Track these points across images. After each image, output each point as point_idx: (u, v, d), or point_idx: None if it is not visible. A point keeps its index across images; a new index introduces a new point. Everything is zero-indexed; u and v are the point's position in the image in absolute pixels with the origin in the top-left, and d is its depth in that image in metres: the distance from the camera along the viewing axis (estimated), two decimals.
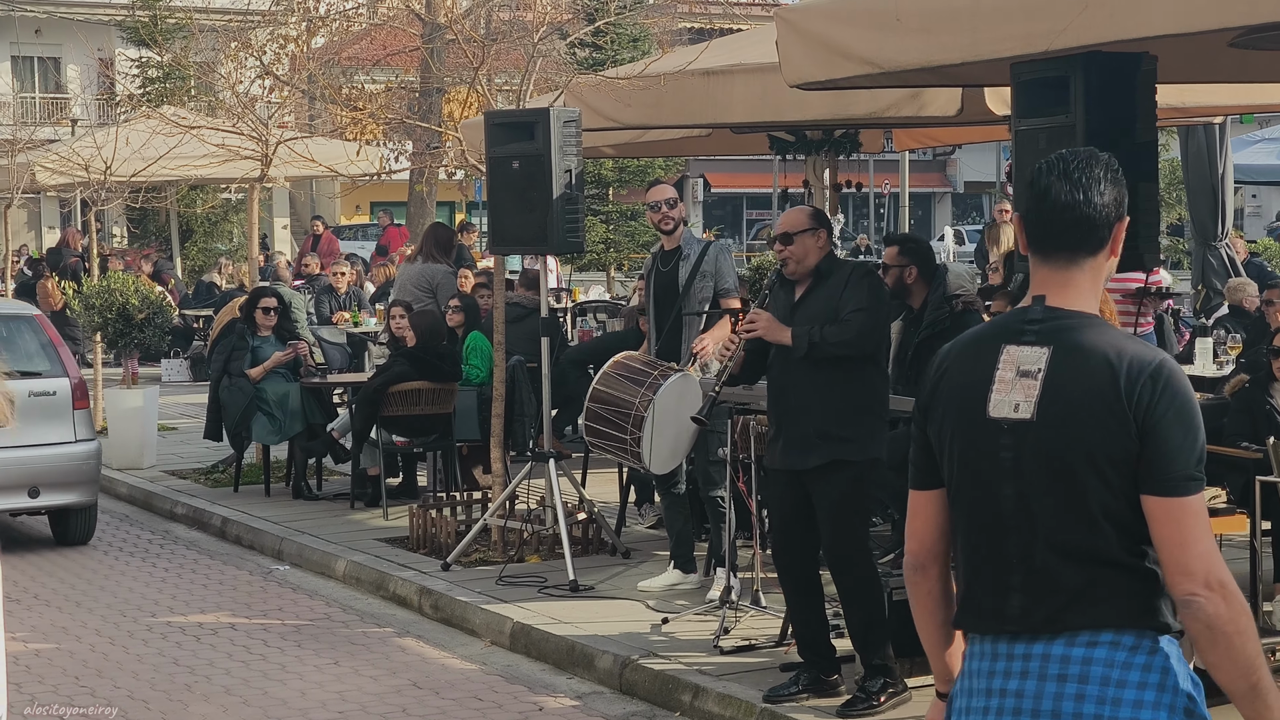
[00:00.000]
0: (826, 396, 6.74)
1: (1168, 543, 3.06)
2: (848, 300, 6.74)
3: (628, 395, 8.39)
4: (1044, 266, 3.22)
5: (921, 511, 3.36)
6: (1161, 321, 13.52)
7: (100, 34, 33.06)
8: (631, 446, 8.43)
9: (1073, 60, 5.92)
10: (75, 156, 17.37)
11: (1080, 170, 3.19)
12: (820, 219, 6.98)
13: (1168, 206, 27.11)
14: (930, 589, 3.37)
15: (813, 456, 6.75)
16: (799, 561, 6.94)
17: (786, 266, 6.90)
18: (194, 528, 11.81)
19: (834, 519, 6.76)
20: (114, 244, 32.91)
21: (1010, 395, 3.17)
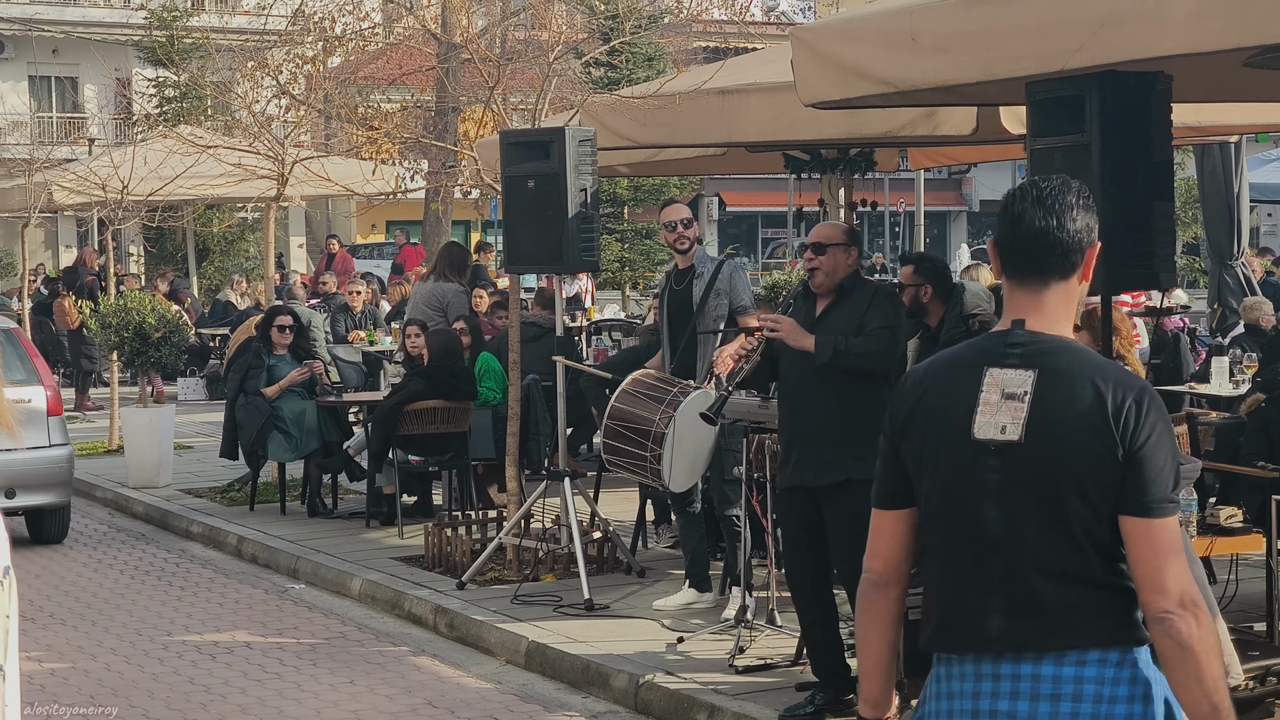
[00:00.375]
0: (840, 415, 6.74)
1: (1144, 563, 3.12)
2: (872, 318, 6.76)
3: (647, 413, 8.39)
4: (1019, 290, 3.28)
5: (888, 530, 3.39)
6: (1178, 340, 13.50)
7: (117, 54, 33.21)
8: (652, 464, 8.42)
9: (1088, 79, 5.91)
10: (92, 176, 17.43)
11: (1053, 197, 3.25)
12: (853, 237, 7.01)
13: (1184, 225, 27.05)
14: (888, 608, 3.39)
15: (826, 474, 6.75)
16: (812, 580, 6.93)
17: (814, 277, 6.91)
18: (210, 546, 11.83)
19: (848, 538, 6.74)
20: (131, 263, 33.00)
21: (996, 417, 3.21)
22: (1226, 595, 7.62)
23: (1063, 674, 3.16)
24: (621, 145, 10.90)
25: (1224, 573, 8.05)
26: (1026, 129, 6.46)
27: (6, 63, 43.87)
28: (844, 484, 6.71)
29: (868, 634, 3.43)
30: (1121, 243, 5.99)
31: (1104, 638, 3.18)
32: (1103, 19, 5.44)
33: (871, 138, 10.03)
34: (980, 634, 3.22)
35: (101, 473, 14.57)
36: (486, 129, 13.10)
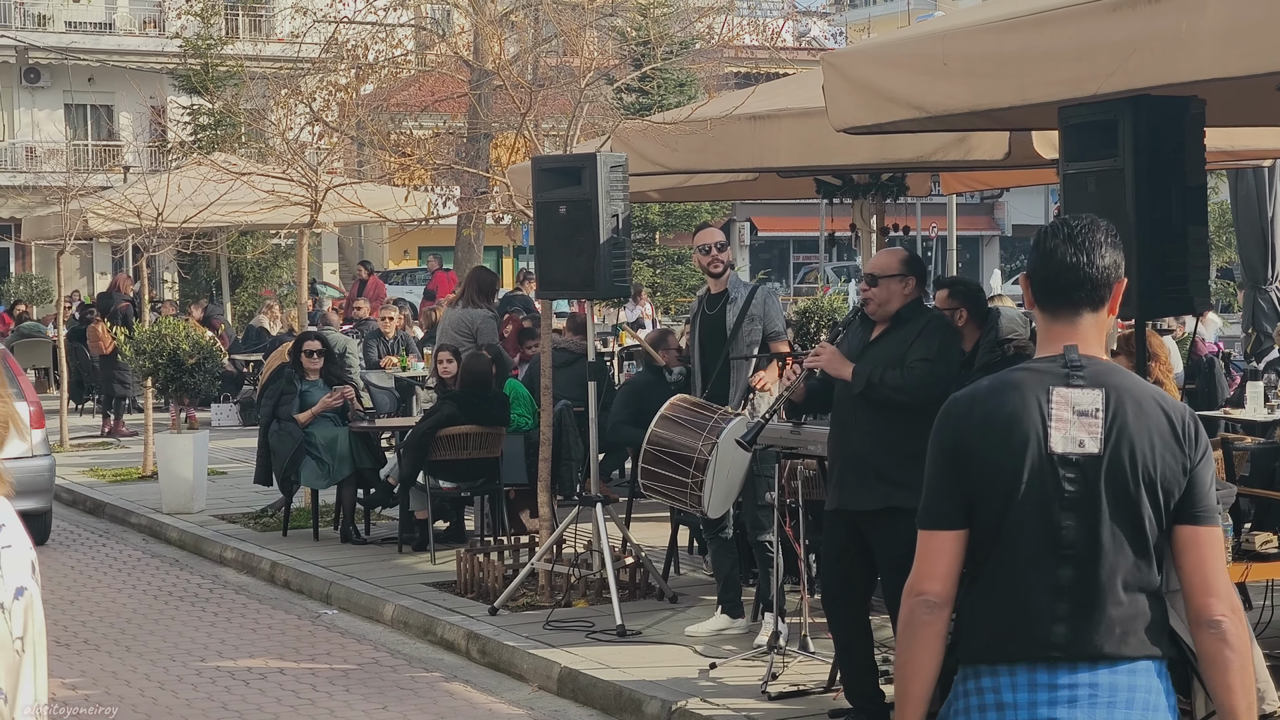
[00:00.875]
0: (886, 440, 6.71)
1: (1197, 569, 3.34)
2: (916, 349, 6.72)
3: (689, 439, 8.38)
4: (1055, 322, 3.50)
5: (945, 552, 3.47)
6: (1212, 365, 13.44)
7: (152, 82, 33.41)
8: (693, 490, 8.41)
9: (1121, 104, 5.90)
10: (127, 203, 17.56)
11: (1083, 235, 3.48)
12: (912, 266, 6.94)
13: (1217, 250, 26.98)
14: (939, 630, 3.46)
15: (870, 499, 6.73)
16: (849, 605, 6.90)
17: (868, 306, 6.91)
18: (243, 572, 11.85)
19: (895, 569, 6.70)
20: (165, 290, 33.18)
21: (1073, 432, 3.38)
22: (1261, 621, 7.58)
23: (1118, 682, 3.33)
24: (653, 171, 10.92)
25: (1259, 599, 8.00)
26: (1059, 153, 6.45)
27: (43, 91, 44.22)
28: (886, 511, 6.68)
29: (918, 658, 3.45)
30: (1155, 267, 5.98)
31: (1151, 648, 3.36)
32: (1135, 44, 5.44)
33: (903, 162, 10.02)
34: (1046, 640, 3.35)
35: (136, 499, 14.62)
36: (518, 155, 13.16)
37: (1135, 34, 5.41)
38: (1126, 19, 5.45)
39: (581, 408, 11.05)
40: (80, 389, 22.22)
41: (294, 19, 19.78)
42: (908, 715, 3.48)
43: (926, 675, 3.45)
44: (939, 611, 3.45)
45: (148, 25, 44.70)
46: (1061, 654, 3.34)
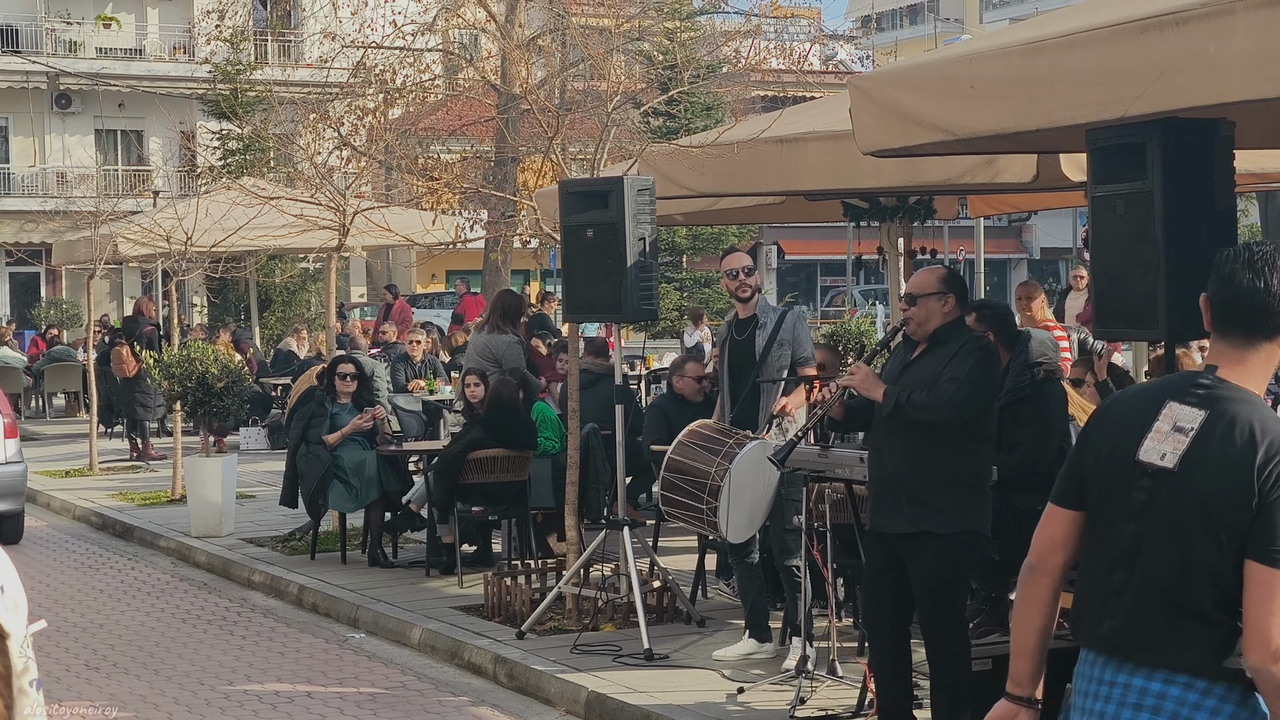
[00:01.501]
0: (918, 463, 6.66)
1: (1254, 608, 3.37)
2: (949, 370, 6.66)
3: (703, 464, 8.37)
4: (1220, 343, 3.60)
5: (1054, 524, 3.71)
6: None
7: (182, 107, 33.64)
8: (709, 516, 8.39)
9: (1149, 126, 5.88)
10: (157, 228, 17.63)
11: (1263, 261, 3.56)
12: (952, 283, 6.88)
13: None
14: (1039, 594, 3.71)
15: (901, 522, 6.69)
16: (888, 623, 6.85)
17: (908, 326, 6.89)
18: (271, 595, 11.87)
19: (928, 592, 6.67)
20: (195, 314, 33.33)
21: (1160, 445, 3.53)
22: None
23: (1150, 687, 3.47)
24: (680, 194, 10.93)
25: None
26: (1087, 176, 6.43)
27: (74, 117, 44.52)
28: (919, 535, 6.64)
29: (1020, 614, 3.76)
30: (1184, 291, 5.94)
31: (1198, 667, 3.44)
32: (1163, 66, 5.42)
33: (931, 185, 10.02)
34: (1096, 634, 3.58)
35: (164, 522, 14.66)
36: (545, 179, 13.19)
37: (1163, 56, 5.40)
38: (1154, 41, 5.43)
39: (608, 431, 11.04)
40: (109, 413, 22.30)
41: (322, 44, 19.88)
42: (1015, 667, 3.75)
43: (1030, 632, 3.72)
44: (1036, 576, 3.70)
45: (178, 51, 44.98)
46: (1108, 649, 3.54)
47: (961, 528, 6.64)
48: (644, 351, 21.01)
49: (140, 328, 21.23)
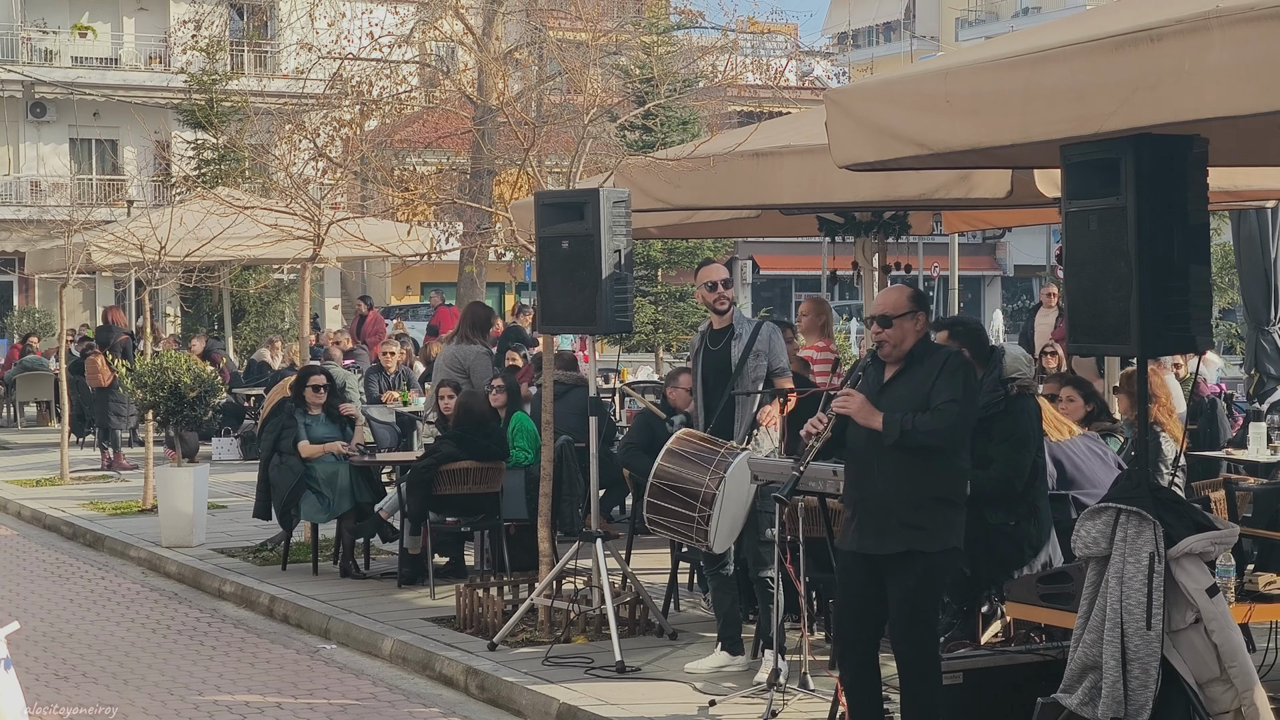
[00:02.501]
0: (905, 484, 6.63)
1: None
2: (941, 389, 6.60)
3: (696, 474, 8.38)
4: None
5: None
6: (1214, 405, 13.42)
7: (157, 117, 33.53)
8: (700, 525, 8.40)
9: (1123, 142, 5.90)
10: (130, 236, 17.56)
11: None
12: (920, 301, 6.84)
13: (1219, 291, 26.92)
14: None
15: (890, 543, 6.65)
16: (862, 645, 6.84)
17: (881, 349, 6.80)
18: (242, 606, 11.82)
19: (908, 607, 6.66)
20: (168, 324, 33.21)
21: None
22: (1266, 664, 7.54)
23: None
24: (655, 207, 10.95)
25: (1263, 640, 7.97)
26: (1061, 192, 6.44)
27: (48, 125, 44.36)
28: (907, 554, 6.64)
29: None
30: (1157, 306, 5.96)
31: None
32: (1137, 82, 5.44)
33: (906, 200, 10.05)
34: None
35: (135, 532, 14.59)
36: (521, 192, 13.16)
37: (1137, 73, 5.42)
38: (1129, 58, 5.45)
39: (583, 443, 11.03)
40: (81, 422, 22.20)
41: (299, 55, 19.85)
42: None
43: None
44: None
45: (153, 61, 44.88)
46: None
47: (947, 546, 6.66)
48: (618, 365, 21.01)
49: (114, 337, 21.15)
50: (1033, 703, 6.34)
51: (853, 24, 65.38)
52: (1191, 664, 6.04)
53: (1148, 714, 5.96)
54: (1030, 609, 7.13)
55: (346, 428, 12.65)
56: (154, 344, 18.26)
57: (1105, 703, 6.01)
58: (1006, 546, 8.00)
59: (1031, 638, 7.30)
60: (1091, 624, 6.15)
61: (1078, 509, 8.35)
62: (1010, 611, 7.51)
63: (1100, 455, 9.06)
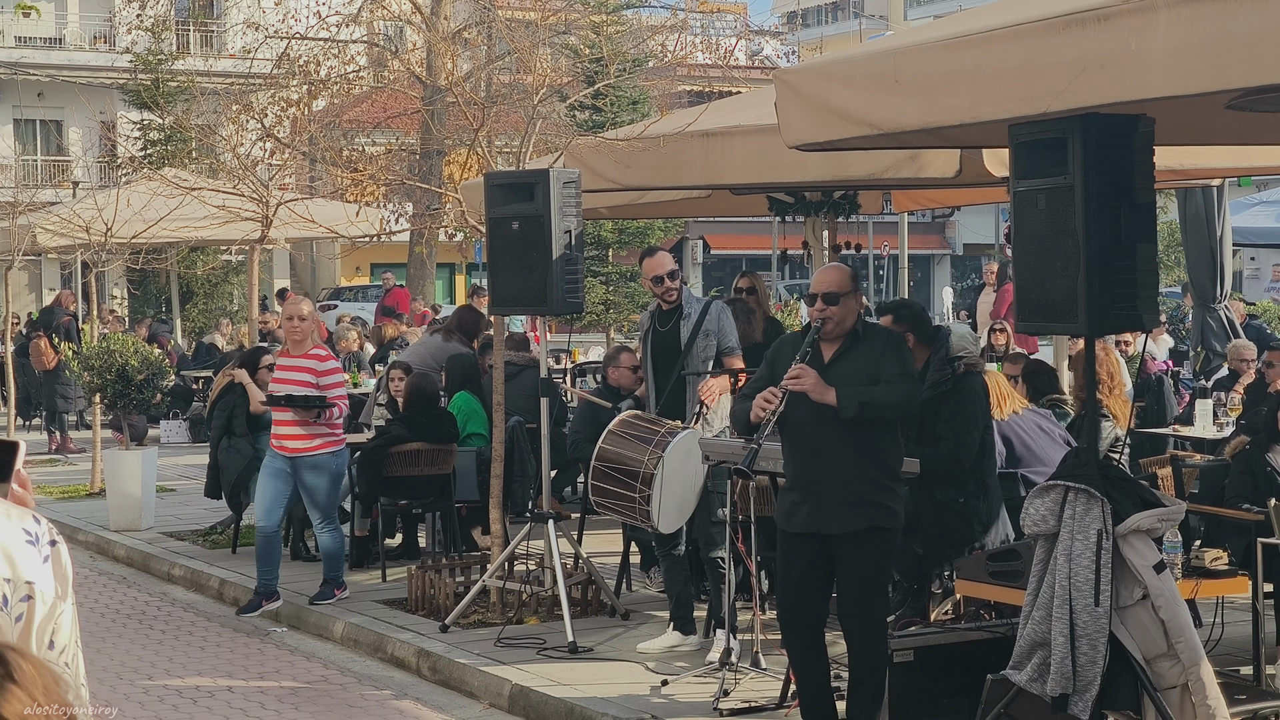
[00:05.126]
0: (862, 462, 6.66)
1: None
2: (889, 365, 6.68)
3: (635, 454, 8.39)
4: None
5: None
6: (1161, 383, 13.52)
7: (102, 97, 33.20)
8: (640, 505, 8.40)
9: (1071, 122, 5.92)
10: (76, 218, 17.41)
11: None
12: (858, 279, 6.93)
13: (1166, 269, 27.16)
14: None
15: (851, 522, 6.67)
16: (810, 624, 6.87)
17: (825, 325, 6.82)
18: (191, 589, 11.76)
19: (865, 584, 6.70)
20: (114, 306, 32.98)
21: None
22: (1212, 639, 7.61)
23: None
24: (606, 187, 10.92)
25: (1209, 616, 8.04)
26: (1009, 171, 6.46)
27: None
28: (867, 532, 6.67)
29: None
30: (1104, 285, 6.00)
31: None
32: (1085, 62, 5.46)
33: (855, 180, 10.06)
34: None
35: (83, 516, 14.50)
36: (471, 172, 13.12)
37: (1085, 52, 5.44)
38: (1076, 37, 5.47)
39: (534, 424, 11.02)
40: (28, 405, 22.03)
41: (245, 35, 19.71)
42: None
43: None
44: None
45: (98, 41, 44.46)
46: None
47: (899, 523, 6.75)
48: (569, 345, 20.98)
49: (57, 319, 20.99)
50: (983, 679, 6.38)
51: (802, 3, 65.42)
52: (1139, 640, 6.08)
53: (1096, 689, 6.01)
54: (980, 586, 7.18)
55: None
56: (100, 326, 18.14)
57: (1054, 679, 6.05)
58: (957, 524, 8.05)
59: (981, 615, 7.35)
60: (1040, 601, 6.18)
61: (1027, 486, 8.41)
62: (960, 589, 7.57)
63: (1048, 432, 9.12)
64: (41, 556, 2.63)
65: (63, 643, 2.65)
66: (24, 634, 2.59)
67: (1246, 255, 39.21)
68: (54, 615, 2.62)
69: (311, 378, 10.39)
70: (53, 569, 2.63)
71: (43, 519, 2.72)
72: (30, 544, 2.62)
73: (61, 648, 2.65)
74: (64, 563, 2.66)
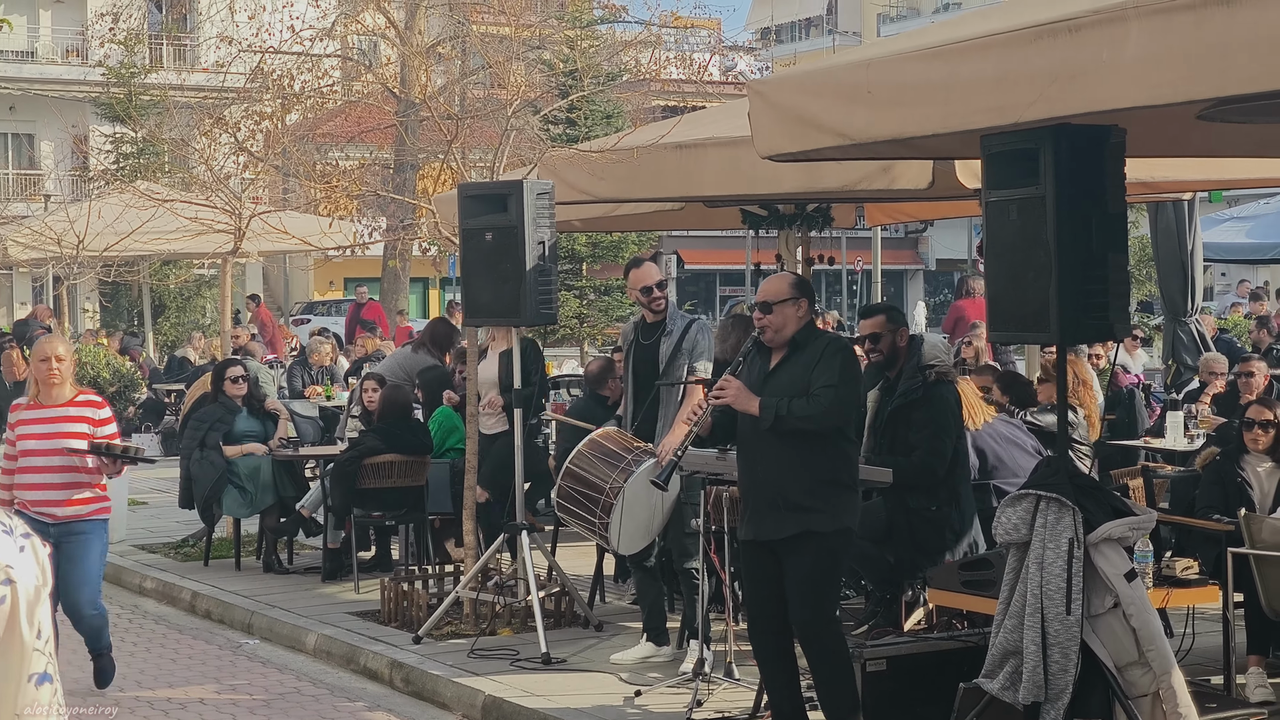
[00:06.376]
0: (795, 468, 6.72)
1: None
2: (819, 375, 6.72)
3: (599, 479, 8.36)
4: None
5: None
6: (1133, 395, 13.57)
7: (74, 110, 33.11)
8: (600, 530, 8.43)
9: (1042, 132, 5.96)
10: (48, 231, 17.37)
11: None
12: (802, 288, 6.95)
13: (1138, 283, 27.27)
14: None
15: (784, 527, 6.74)
16: (774, 633, 6.90)
17: (764, 334, 6.89)
18: (163, 602, 11.71)
19: (802, 589, 6.74)
20: (86, 319, 32.87)
21: None
22: (1183, 648, 7.64)
23: None
24: (579, 199, 10.93)
25: (1180, 625, 8.08)
26: (982, 182, 6.50)
27: None
28: (801, 535, 6.70)
29: None
30: (1076, 294, 6.03)
31: None
32: (1056, 73, 5.49)
33: (828, 192, 10.09)
34: None
35: None
36: (444, 186, 13.13)
37: (1056, 63, 5.47)
38: (1047, 48, 5.51)
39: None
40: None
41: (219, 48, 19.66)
42: None
43: None
44: None
45: (71, 54, 44.33)
46: None
47: (839, 525, 6.75)
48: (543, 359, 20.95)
49: (31, 331, 20.90)
50: (955, 688, 6.40)
51: (775, 19, 65.62)
52: (1111, 648, 6.11)
53: (1068, 697, 6.03)
54: (952, 596, 7.20)
55: (269, 423, 12.56)
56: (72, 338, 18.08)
57: (1026, 687, 6.07)
58: (929, 532, 8.07)
59: (954, 624, 7.37)
60: (1012, 609, 6.21)
61: (999, 497, 8.43)
62: (932, 599, 7.59)
63: (1019, 443, 9.15)
64: (17, 546, 2.61)
65: (47, 634, 2.64)
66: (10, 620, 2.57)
67: (1217, 271, 39.42)
68: (40, 601, 2.61)
69: (89, 428, 8.43)
70: (32, 558, 2.62)
71: (15, 518, 2.71)
72: (5, 534, 2.61)
73: (47, 638, 2.65)
74: (41, 556, 2.64)
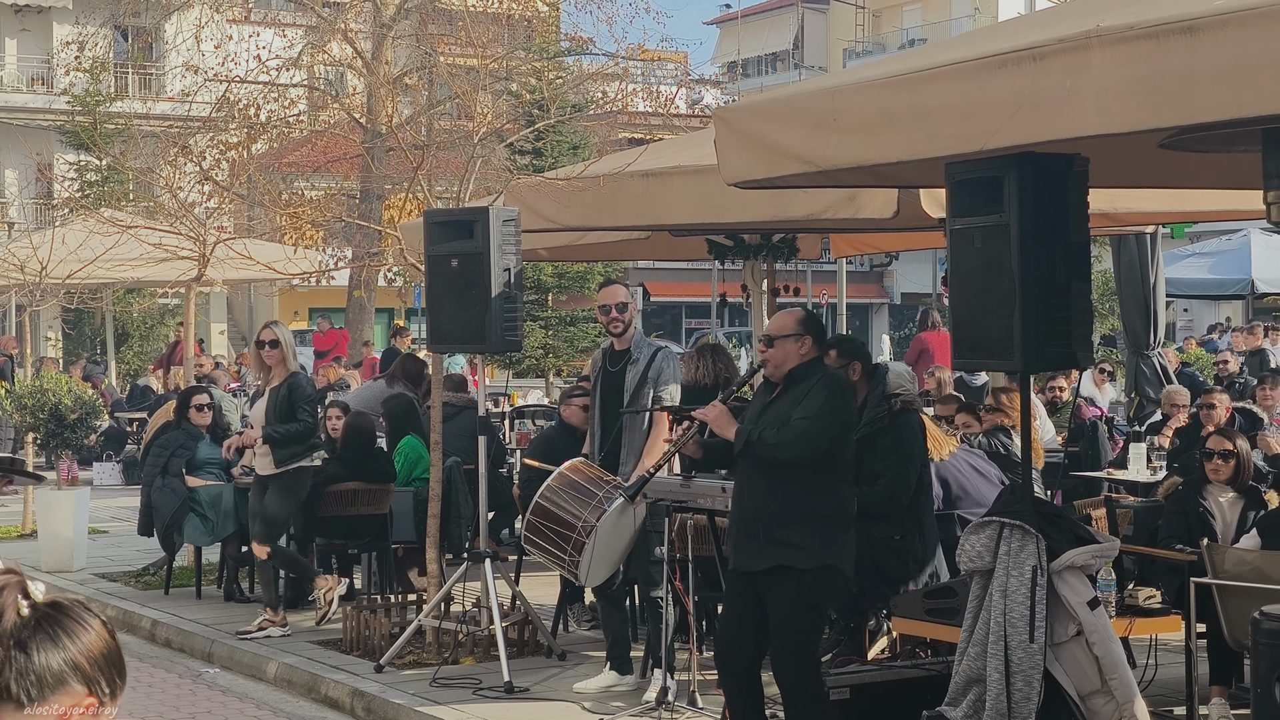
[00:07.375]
0: (776, 500, 6.69)
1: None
2: (802, 408, 6.72)
3: (570, 516, 8.25)
4: None
5: None
6: (1095, 428, 13.62)
7: (39, 138, 33.00)
8: (570, 567, 8.36)
9: (1006, 160, 5.99)
10: (11, 258, 17.24)
11: None
12: (809, 325, 6.91)
13: (1101, 318, 27.38)
14: None
15: (761, 559, 6.70)
16: (743, 661, 6.86)
17: (765, 367, 6.93)
18: (123, 630, 11.59)
19: (781, 625, 6.70)
20: (49, 347, 32.69)
21: None
22: (1146, 679, 7.65)
23: None
24: (545, 228, 10.93)
25: (1143, 656, 8.09)
26: (946, 210, 6.52)
27: None
28: (776, 570, 6.66)
29: None
30: (1039, 322, 6.05)
31: None
32: (1020, 101, 5.52)
33: (794, 221, 10.11)
34: None
35: (14, 557, 14.16)
36: (410, 215, 13.10)
37: (1020, 91, 5.50)
38: (1011, 76, 5.53)
39: (471, 465, 10.97)
40: None
41: (184, 77, 19.63)
42: None
43: None
44: None
45: (36, 82, 44.17)
46: None
47: (819, 563, 6.66)
48: (507, 389, 20.93)
49: None
50: (919, 716, 6.38)
51: (742, 53, 65.88)
52: (1073, 676, 6.11)
53: None
54: (916, 624, 7.19)
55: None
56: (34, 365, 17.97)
57: (989, 715, 6.07)
58: (892, 561, 8.06)
59: (917, 653, 7.36)
60: (976, 637, 6.21)
61: (963, 526, 8.43)
62: (896, 627, 7.57)
63: (983, 473, 9.17)
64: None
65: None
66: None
67: (1180, 307, 39.66)
68: None
69: None
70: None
71: None
72: None
73: None
74: None
